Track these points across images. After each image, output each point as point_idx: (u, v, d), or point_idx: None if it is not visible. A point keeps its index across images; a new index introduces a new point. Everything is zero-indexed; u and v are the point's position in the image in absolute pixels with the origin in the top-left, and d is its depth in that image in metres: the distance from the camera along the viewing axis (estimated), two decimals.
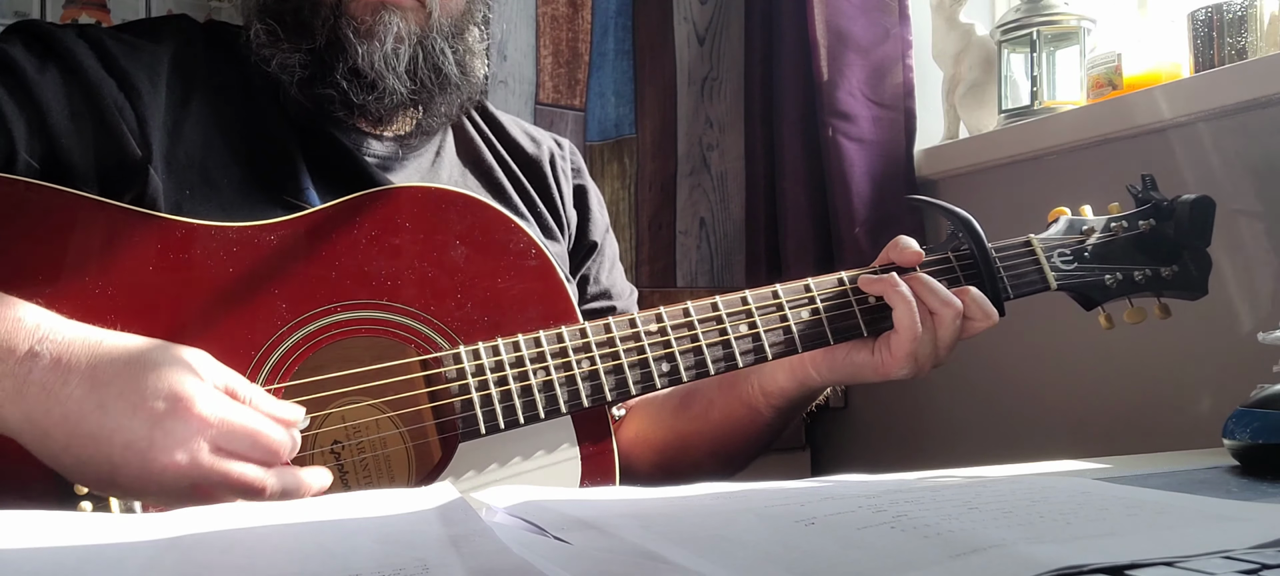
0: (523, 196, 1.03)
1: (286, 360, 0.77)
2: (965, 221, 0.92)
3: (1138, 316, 0.94)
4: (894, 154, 1.49)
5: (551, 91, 1.60)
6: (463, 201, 0.85)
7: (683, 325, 0.84)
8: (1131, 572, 0.39)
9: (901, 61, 1.50)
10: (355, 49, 0.88)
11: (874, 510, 0.50)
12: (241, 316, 0.77)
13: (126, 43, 0.89)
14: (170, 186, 0.84)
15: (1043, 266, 0.92)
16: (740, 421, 0.96)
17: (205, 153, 0.87)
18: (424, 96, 0.93)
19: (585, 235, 1.09)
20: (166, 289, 0.76)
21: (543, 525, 0.51)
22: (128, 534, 0.47)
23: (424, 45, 0.91)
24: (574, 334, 0.82)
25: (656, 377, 0.83)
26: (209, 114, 0.89)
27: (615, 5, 1.64)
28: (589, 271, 1.08)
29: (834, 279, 0.88)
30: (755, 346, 0.85)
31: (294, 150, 0.90)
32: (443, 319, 0.81)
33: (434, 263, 0.82)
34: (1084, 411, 1.28)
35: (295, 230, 0.80)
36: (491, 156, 1.04)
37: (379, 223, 0.82)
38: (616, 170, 1.62)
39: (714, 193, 1.68)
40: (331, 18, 0.89)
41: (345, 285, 0.79)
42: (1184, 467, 0.71)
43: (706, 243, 1.67)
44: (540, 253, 0.85)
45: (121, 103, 0.84)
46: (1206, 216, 0.94)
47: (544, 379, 0.80)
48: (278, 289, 0.78)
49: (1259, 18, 1.15)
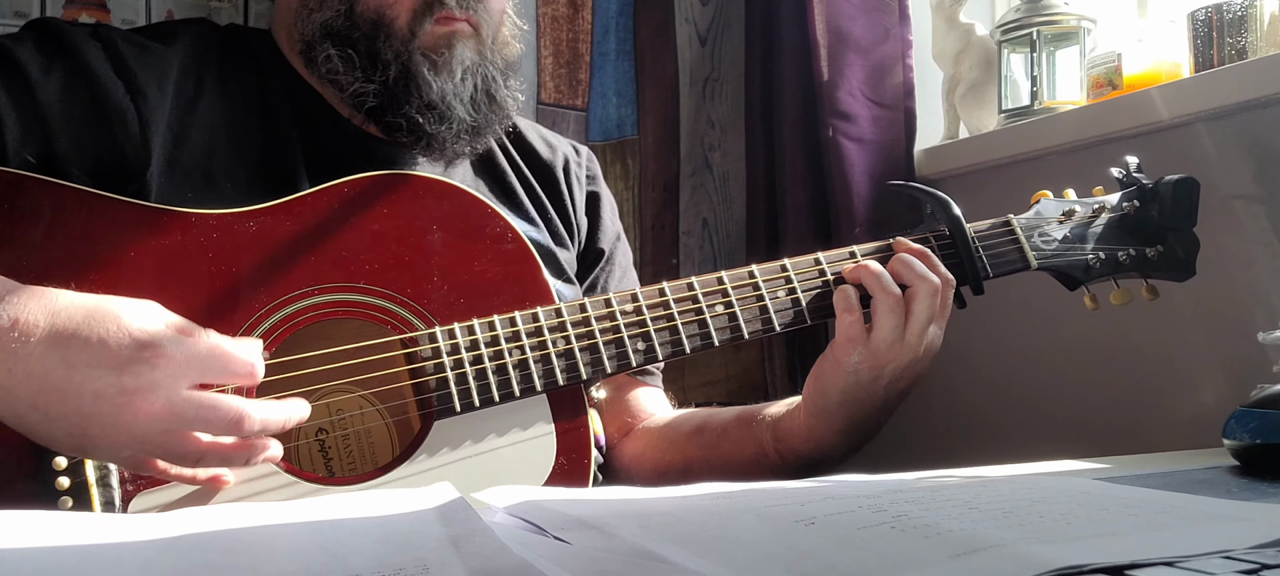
0: (534, 202, 1.04)
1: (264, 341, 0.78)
2: (943, 202, 0.92)
3: (1124, 297, 0.94)
4: (894, 154, 1.49)
5: (552, 91, 1.60)
6: (440, 188, 0.86)
7: (658, 304, 0.85)
8: (1131, 572, 0.39)
9: (901, 61, 1.50)
10: (429, 83, 0.90)
11: (874, 510, 0.50)
12: (218, 300, 0.78)
13: (138, 44, 0.89)
14: (170, 189, 0.85)
15: (1022, 245, 0.93)
16: (748, 459, 0.94)
17: (210, 156, 0.88)
18: (480, 122, 0.94)
19: (594, 242, 1.09)
20: (141, 273, 0.77)
21: (543, 525, 0.51)
22: (127, 534, 0.47)
23: (483, 72, 0.93)
24: (549, 315, 0.83)
25: (632, 356, 0.84)
26: (217, 118, 0.90)
27: (616, 5, 1.63)
28: (598, 279, 1.08)
29: (809, 260, 0.89)
30: (732, 325, 0.86)
31: (299, 157, 0.91)
32: (419, 301, 0.82)
33: (411, 247, 0.83)
34: (1084, 411, 1.28)
35: (275, 216, 0.81)
36: (505, 161, 1.05)
37: (357, 208, 0.83)
38: (619, 171, 1.62)
39: (716, 193, 1.68)
40: (405, 50, 0.90)
41: (323, 269, 0.81)
42: (1184, 467, 0.71)
43: (709, 243, 1.67)
44: (516, 237, 0.87)
45: (126, 105, 0.85)
46: (1191, 197, 0.94)
47: (519, 358, 0.81)
48: (255, 273, 0.80)
49: (1259, 18, 1.15)
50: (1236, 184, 1.12)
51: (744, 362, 1.59)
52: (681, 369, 1.58)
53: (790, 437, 0.91)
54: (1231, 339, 1.11)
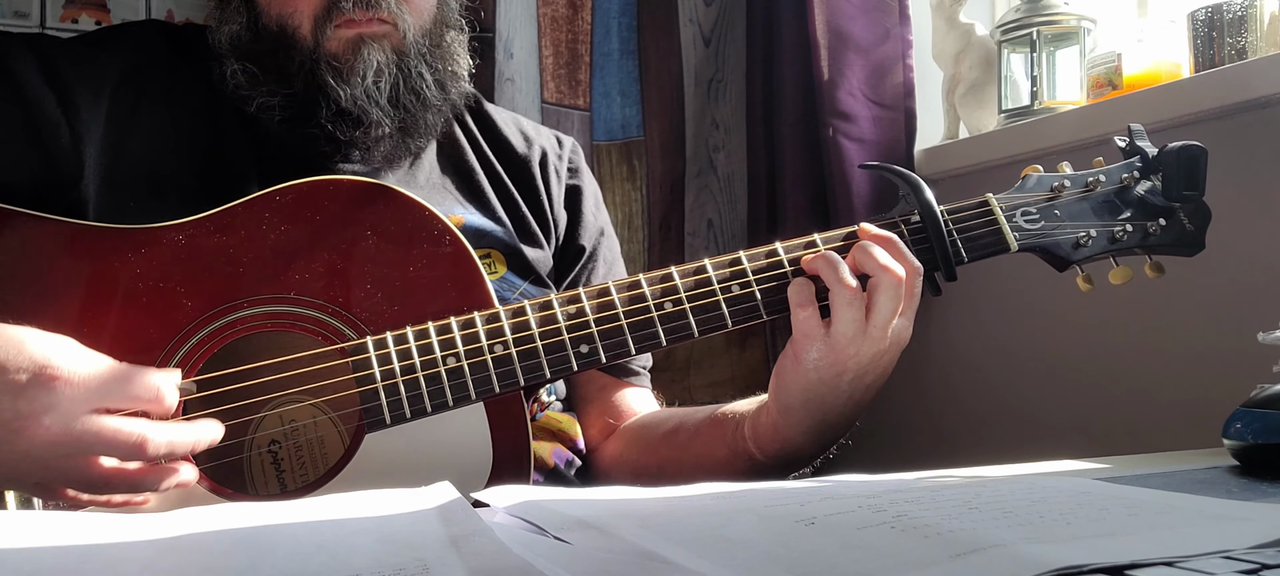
0: (504, 199, 1.01)
1: (190, 359, 0.76)
2: (914, 183, 0.86)
3: (1124, 276, 0.88)
4: (894, 154, 1.49)
5: (554, 91, 1.60)
6: (374, 191, 0.83)
7: (602, 304, 0.80)
8: (1131, 572, 0.39)
9: (901, 61, 1.50)
10: (337, 91, 0.87)
11: (874, 510, 0.50)
12: (143, 316, 0.76)
13: (75, 54, 0.87)
14: (110, 200, 0.83)
15: (1001, 226, 0.86)
16: (720, 460, 0.90)
17: (154, 163, 0.86)
18: (408, 121, 0.91)
19: (574, 238, 1.06)
20: (64, 290, 0.75)
21: (543, 525, 0.51)
22: (127, 534, 0.47)
23: (403, 69, 0.90)
24: (486, 319, 0.78)
25: (574, 361, 0.78)
26: (161, 124, 0.88)
27: (618, 5, 1.63)
28: (580, 278, 1.05)
29: (765, 250, 0.84)
30: (681, 324, 0.80)
31: (250, 162, 0.89)
32: (351, 310, 0.79)
33: (343, 254, 0.80)
34: (1084, 411, 1.28)
35: (205, 228, 0.79)
36: (475, 158, 1.02)
37: (288, 216, 0.80)
38: (626, 172, 1.62)
39: (721, 194, 1.67)
40: (310, 61, 0.88)
41: (251, 281, 0.78)
42: (1184, 467, 0.71)
43: (714, 244, 1.67)
44: (455, 239, 0.83)
45: (56, 118, 0.83)
46: (1197, 165, 0.86)
47: (453, 365, 0.77)
48: (182, 287, 0.77)
49: (1259, 18, 1.15)
50: (1236, 184, 1.11)
51: (749, 362, 1.59)
52: (686, 369, 1.58)
53: (759, 436, 0.87)
54: (1231, 339, 1.11)
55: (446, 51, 0.94)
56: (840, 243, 0.84)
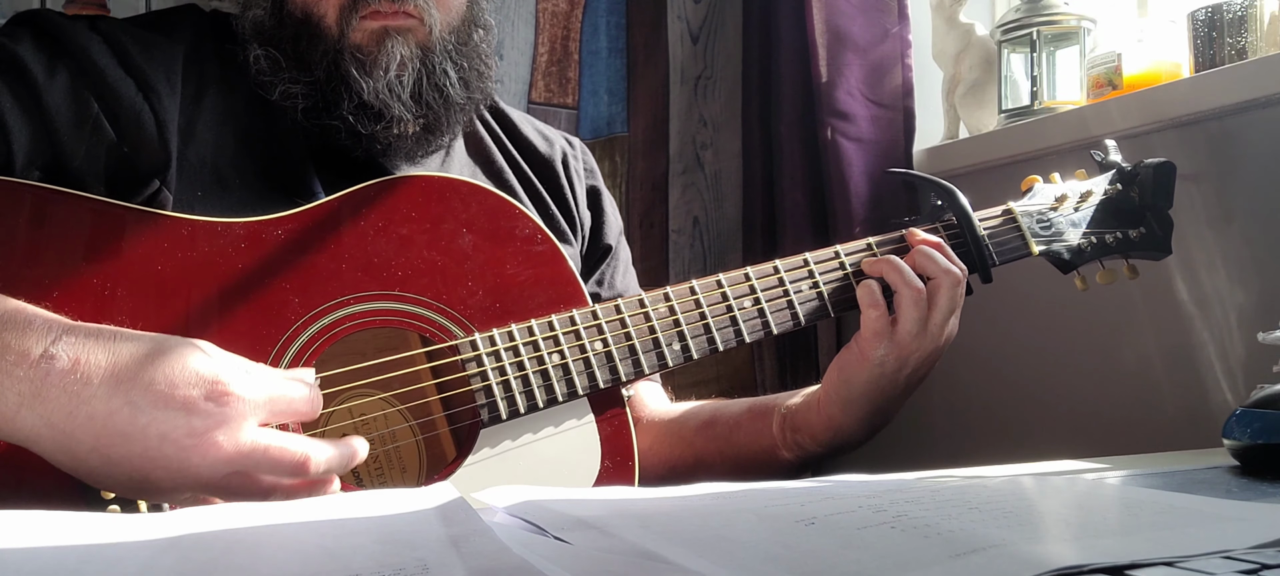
0: (533, 197, 1.02)
1: (303, 354, 0.76)
2: (949, 192, 0.95)
3: (1109, 277, 0.98)
4: (893, 154, 1.49)
5: (542, 90, 1.60)
6: (467, 189, 0.84)
7: (690, 303, 0.86)
8: (1131, 572, 0.39)
9: (901, 61, 1.50)
10: (360, 83, 0.85)
11: (874, 510, 0.50)
12: (253, 313, 0.76)
13: (142, 39, 0.85)
14: (182, 188, 0.82)
15: (1024, 233, 0.96)
16: (761, 451, 0.95)
17: (217, 152, 0.85)
18: (431, 118, 0.90)
19: (600, 238, 1.07)
20: (175, 288, 0.75)
21: (543, 525, 0.51)
22: (127, 533, 0.47)
23: (427, 65, 0.88)
24: (585, 316, 0.83)
25: (670, 357, 0.85)
26: (221, 112, 0.87)
27: (607, 3, 1.63)
28: (604, 275, 1.06)
29: (830, 253, 0.91)
30: (761, 321, 0.87)
31: (303, 149, 0.88)
32: (455, 307, 0.81)
33: (443, 251, 0.82)
34: (1084, 411, 1.28)
35: (302, 223, 0.79)
36: (502, 156, 1.02)
37: (386, 213, 0.81)
38: (608, 168, 1.62)
39: (708, 191, 1.67)
40: (333, 50, 0.86)
41: (356, 277, 0.79)
42: (1184, 467, 0.71)
43: (700, 241, 1.67)
44: (547, 238, 0.85)
45: (139, 105, 0.81)
46: (1168, 180, 0.99)
47: (559, 362, 0.81)
48: (288, 283, 0.77)
49: (1259, 18, 1.15)
50: (1236, 184, 1.12)
51: (734, 362, 1.60)
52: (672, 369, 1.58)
53: (810, 427, 0.92)
54: (1231, 339, 1.11)
55: (474, 50, 0.93)
56: (894, 246, 0.92)
